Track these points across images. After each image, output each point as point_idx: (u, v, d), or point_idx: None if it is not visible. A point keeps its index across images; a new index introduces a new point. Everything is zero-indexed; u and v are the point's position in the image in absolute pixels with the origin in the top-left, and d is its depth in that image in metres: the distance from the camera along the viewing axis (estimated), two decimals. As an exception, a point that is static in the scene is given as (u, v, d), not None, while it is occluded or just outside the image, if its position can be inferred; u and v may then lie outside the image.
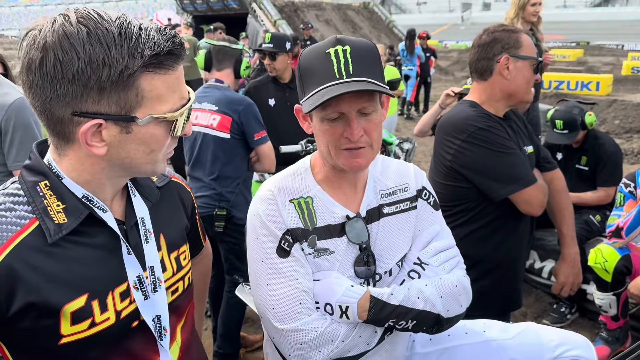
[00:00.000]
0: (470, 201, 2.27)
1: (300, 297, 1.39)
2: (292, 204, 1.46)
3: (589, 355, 1.62)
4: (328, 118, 1.36)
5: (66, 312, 1.03)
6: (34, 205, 1.05)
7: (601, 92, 14.13)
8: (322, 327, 1.38)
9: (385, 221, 1.52)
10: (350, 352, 1.41)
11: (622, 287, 3.17)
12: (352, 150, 1.37)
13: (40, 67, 0.96)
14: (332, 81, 1.31)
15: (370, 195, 1.53)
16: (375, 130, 1.38)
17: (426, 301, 1.42)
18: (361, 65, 1.33)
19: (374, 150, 1.41)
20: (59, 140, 1.05)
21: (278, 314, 1.39)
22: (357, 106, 1.33)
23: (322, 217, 1.47)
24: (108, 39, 0.96)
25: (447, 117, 2.37)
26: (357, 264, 1.47)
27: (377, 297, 1.41)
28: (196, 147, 3.10)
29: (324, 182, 1.50)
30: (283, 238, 1.42)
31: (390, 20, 23.09)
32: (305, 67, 1.39)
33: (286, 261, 1.41)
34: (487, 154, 2.18)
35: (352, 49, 1.33)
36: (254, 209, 1.48)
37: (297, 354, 1.39)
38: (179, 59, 1.05)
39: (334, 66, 1.32)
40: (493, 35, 2.25)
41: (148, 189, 1.24)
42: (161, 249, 1.22)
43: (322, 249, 1.45)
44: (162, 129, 1.06)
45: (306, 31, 12.41)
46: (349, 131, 1.35)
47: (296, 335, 1.37)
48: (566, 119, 3.83)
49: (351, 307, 1.39)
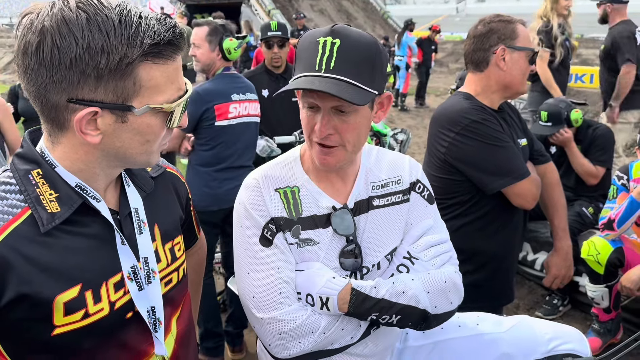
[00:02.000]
0: (463, 194, 2.26)
1: (280, 286, 1.38)
2: (278, 192, 1.44)
3: (582, 348, 1.62)
4: (306, 105, 1.35)
5: (59, 302, 1.02)
6: (26, 193, 1.03)
7: (595, 84, 14.11)
8: (302, 318, 1.36)
9: (374, 214, 1.50)
10: (333, 344, 1.40)
11: (614, 280, 3.19)
12: (323, 147, 1.36)
13: (37, 52, 0.94)
14: (311, 71, 1.29)
15: (361, 187, 1.50)
16: (349, 131, 1.34)
17: (411, 296, 1.39)
18: (346, 63, 1.28)
19: (348, 151, 1.38)
20: (53, 128, 1.03)
21: (258, 303, 1.38)
22: (332, 103, 1.30)
23: (308, 208, 1.45)
24: (108, 26, 0.95)
25: (441, 109, 2.35)
26: (343, 256, 1.46)
27: (359, 289, 1.38)
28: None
29: (313, 172, 1.48)
30: (266, 227, 1.41)
31: (385, 11, 23.03)
32: (299, 50, 1.36)
33: (268, 250, 1.40)
34: (481, 147, 2.17)
35: (342, 43, 1.28)
36: (240, 197, 1.47)
37: (276, 343, 1.38)
38: (179, 50, 1.04)
39: (317, 57, 1.29)
40: (489, 26, 2.23)
41: (142, 179, 1.23)
42: (155, 240, 1.21)
43: (305, 240, 1.44)
44: (158, 119, 1.05)
45: (299, 21, 12.37)
46: (317, 126, 1.33)
47: (275, 324, 1.36)
48: (551, 111, 3.80)
49: (331, 298, 1.37)
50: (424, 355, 1.64)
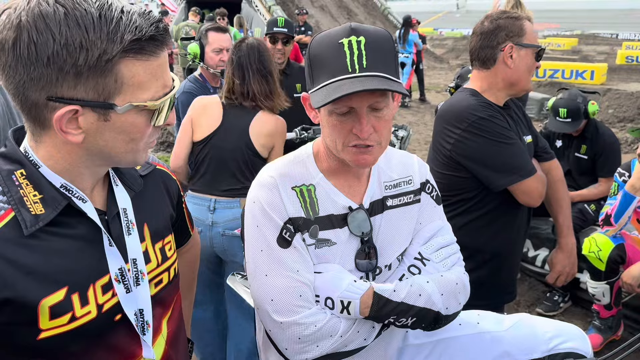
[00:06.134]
0: (469, 191, 2.24)
1: (300, 289, 1.35)
2: (294, 191, 1.41)
3: (584, 347, 1.61)
4: (337, 112, 1.30)
5: (44, 306, 0.99)
6: (9, 195, 0.99)
7: (595, 81, 14.14)
8: (322, 322, 1.35)
9: (389, 214, 1.49)
10: (347, 347, 1.39)
11: (615, 276, 3.19)
12: (360, 147, 1.32)
13: (14, 48, 0.90)
14: (345, 74, 1.25)
15: (375, 187, 1.49)
16: (385, 127, 1.33)
17: (427, 299, 1.39)
18: (376, 59, 1.26)
19: (383, 147, 1.36)
20: (35, 126, 1.00)
21: (277, 306, 1.35)
22: (369, 102, 1.27)
23: (324, 207, 1.42)
24: (86, 21, 0.91)
25: (447, 106, 2.33)
26: (358, 257, 1.44)
27: (380, 293, 1.36)
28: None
29: (327, 171, 1.45)
30: (285, 227, 1.37)
31: (386, 7, 22.91)
32: (316, 55, 1.32)
33: (287, 251, 1.37)
34: (488, 144, 2.15)
35: (367, 39, 1.26)
36: (254, 195, 1.42)
37: (294, 347, 1.36)
38: (163, 45, 1.00)
39: (346, 58, 1.25)
40: (497, 23, 2.20)
41: (131, 177, 1.19)
42: (145, 240, 1.18)
43: (323, 240, 1.41)
44: (142, 117, 1.01)
45: (300, 17, 12.32)
46: (358, 128, 1.29)
47: (295, 328, 1.34)
48: (570, 107, 3.82)
49: (353, 302, 1.35)
50: (424, 353, 1.63)
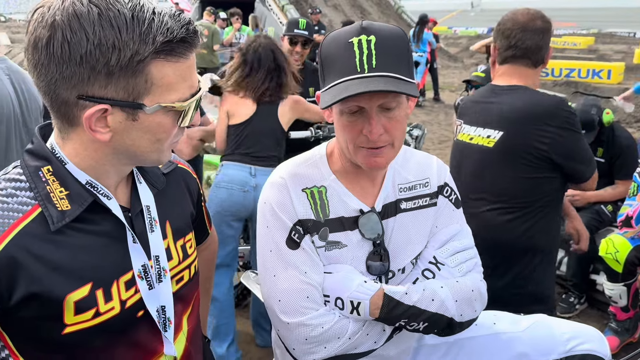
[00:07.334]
0: (549, 193, 2.23)
1: (307, 291, 1.35)
2: (305, 193, 1.41)
3: (601, 349, 1.59)
4: (347, 111, 1.29)
5: (69, 301, 1.01)
6: (36, 191, 1.01)
7: (612, 80, 13.97)
8: (330, 323, 1.34)
9: (402, 217, 1.46)
10: (357, 349, 1.38)
11: (633, 278, 3.15)
12: (371, 149, 1.31)
13: (47, 47, 0.92)
14: (353, 74, 1.23)
15: (388, 189, 1.47)
16: (397, 127, 1.30)
17: (440, 304, 1.37)
18: (386, 58, 1.24)
19: (395, 148, 1.34)
20: (63, 124, 1.02)
21: (284, 307, 1.35)
22: (379, 101, 1.25)
23: (335, 209, 1.41)
24: (119, 22, 0.92)
25: (529, 106, 2.18)
26: (370, 259, 1.42)
27: (391, 295, 1.35)
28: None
29: (340, 173, 1.44)
30: (293, 229, 1.37)
31: (400, 6, 22.82)
32: (327, 55, 1.31)
33: (295, 253, 1.37)
34: (579, 138, 2.19)
35: (377, 38, 1.24)
36: (265, 195, 1.43)
37: (301, 348, 1.36)
38: (192, 47, 1.01)
39: (355, 58, 1.24)
40: (548, 24, 2.21)
41: (154, 175, 1.21)
42: (167, 237, 1.20)
43: (333, 242, 1.40)
44: (169, 118, 1.02)
45: (314, 16, 12.31)
46: (368, 128, 1.27)
47: (302, 329, 1.34)
48: (584, 119, 3.70)
49: (363, 303, 1.34)
50: (440, 354, 1.62)
